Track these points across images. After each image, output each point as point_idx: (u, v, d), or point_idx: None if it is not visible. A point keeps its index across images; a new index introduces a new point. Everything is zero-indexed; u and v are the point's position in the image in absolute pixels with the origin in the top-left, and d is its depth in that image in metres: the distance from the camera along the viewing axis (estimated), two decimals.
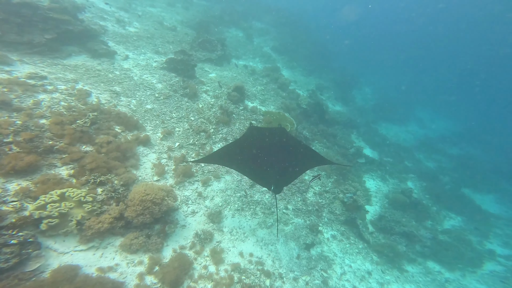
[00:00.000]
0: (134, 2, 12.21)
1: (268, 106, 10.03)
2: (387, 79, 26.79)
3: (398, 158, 13.55)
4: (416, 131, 18.51)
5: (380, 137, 14.83)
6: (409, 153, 14.69)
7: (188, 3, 15.20)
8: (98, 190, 4.55)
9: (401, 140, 16.52)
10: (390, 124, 18.05)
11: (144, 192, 4.50)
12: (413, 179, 12.27)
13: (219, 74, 10.42)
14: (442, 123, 21.66)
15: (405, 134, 17.49)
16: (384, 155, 13.36)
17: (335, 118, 13.50)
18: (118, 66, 7.77)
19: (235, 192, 6.25)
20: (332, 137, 11.66)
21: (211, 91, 9.06)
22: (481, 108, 26.73)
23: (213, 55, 10.89)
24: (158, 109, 7.16)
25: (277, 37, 17.49)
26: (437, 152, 16.19)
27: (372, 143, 13.84)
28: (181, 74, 8.98)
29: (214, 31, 14.30)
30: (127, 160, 5.59)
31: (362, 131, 14.50)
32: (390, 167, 12.09)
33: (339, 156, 10.70)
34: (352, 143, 12.60)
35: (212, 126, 7.65)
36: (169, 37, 10.89)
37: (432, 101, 24.22)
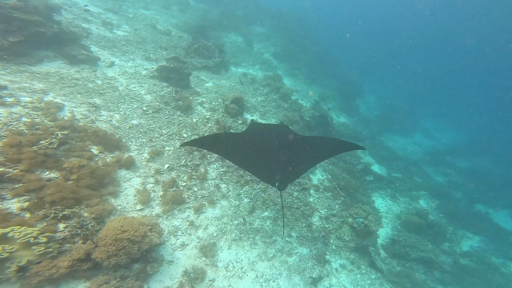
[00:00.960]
0: (126, 3, 11.37)
1: (269, 119, 9.17)
2: (390, 86, 26.23)
3: (408, 173, 12.78)
4: (423, 143, 17.78)
5: (387, 151, 14.06)
6: (418, 167, 13.91)
7: (184, 6, 14.41)
8: (60, 226, 3.69)
9: (408, 153, 15.79)
10: (396, 136, 17.34)
11: (120, 228, 3.68)
12: (425, 196, 11.45)
13: (216, 83, 9.56)
14: (449, 133, 20.97)
15: (412, 146, 16.76)
16: (393, 171, 12.62)
17: (340, 131, 12.78)
18: (100, 74, 6.85)
19: (232, 219, 5.42)
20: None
21: (207, 103, 8.18)
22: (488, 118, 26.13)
23: (210, 62, 10.04)
24: (145, 125, 6.25)
25: (278, 43, 16.77)
26: (447, 165, 15.43)
27: (379, 158, 13.08)
28: (174, 84, 8.10)
29: (212, 36, 13.50)
30: (104, 187, 4.68)
31: (368, 145, 13.74)
32: (400, 184, 11.29)
33: (346, 174, 9.93)
34: (359, 158, 11.81)
35: None
36: (163, 41, 10.03)
37: (437, 110, 23.63)
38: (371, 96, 21.00)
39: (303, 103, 12.25)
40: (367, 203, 8.89)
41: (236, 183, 6.30)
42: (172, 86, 8.03)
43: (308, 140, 4.06)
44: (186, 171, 5.84)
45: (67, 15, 8.04)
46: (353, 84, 19.20)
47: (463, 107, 27.61)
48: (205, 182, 5.85)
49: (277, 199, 6.34)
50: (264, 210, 6.00)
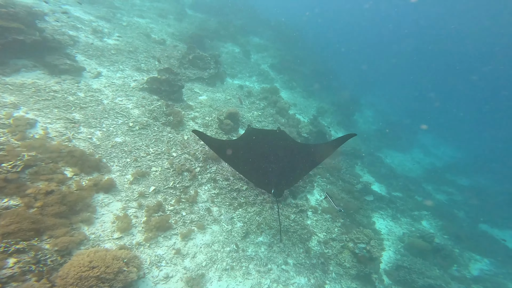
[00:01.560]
0: (120, 11, 11.04)
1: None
2: (387, 100, 26.21)
3: (408, 192, 12.39)
4: (421, 159, 17.52)
5: (386, 168, 13.70)
6: (418, 186, 13.54)
7: (181, 15, 14.17)
8: (9, 262, 3.15)
9: (407, 170, 15.47)
10: (394, 152, 17.06)
11: (88, 264, 3.16)
12: (427, 217, 11.01)
13: (210, 96, 9.14)
14: (447, 149, 20.81)
15: (410, 163, 16.46)
16: (393, 189, 12.23)
17: (339, 148, 12.39)
18: (84, 86, 6.37)
19: (223, 246, 4.93)
20: (336, 171, 10.47)
21: (200, 118, 7.73)
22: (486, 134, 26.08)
23: (205, 74, 9.66)
24: (131, 143, 5.75)
25: (276, 54, 16.58)
26: (447, 183, 15.12)
27: (378, 176, 12.70)
28: (165, 97, 7.65)
29: (209, 46, 13.21)
30: (77, 214, 4.16)
31: (367, 162, 13.38)
32: (400, 204, 10.88)
33: (345, 194, 9.49)
34: (358, 177, 11.41)
35: (199, 164, 6.25)
36: (156, 51, 9.65)
37: (433, 125, 23.52)
38: (369, 110, 20.84)
39: (300, 118, 11.89)
40: (367, 225, 8.46)
41: (229, 206, 5.79)
42: (163, 100, 7.57)
43: (304, 147, 3.96)
44: (175, 193, 5.33)
45: (55, 22, 7.61)
46: (350, 98, 19.03)
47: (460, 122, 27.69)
48: (195, 206, 5.36)
49: (272, 222, 5.85)
50: (259, 234, 5.52)
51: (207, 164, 6.35)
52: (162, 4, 14.29)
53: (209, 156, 6.45)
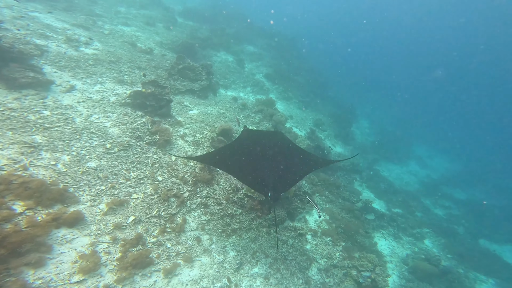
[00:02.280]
0: (102, 19, 10.22)
1: None
2: (383, 110, 26.14)
3: (408, 208, 11.93)
4: (417, 172, 17.21)
5: (385, 183, 13.24)
6: (417, 201, 13.11)
7: (171, 23, 13.45)
8: None
9: (405, 184, 15.08)
10: (391, 164, 16.70)
11: None
12: (429, 235, 10.50)
13: (202, 110, 8.38)
14: (441, 161, 20.67)
15: (407, 176, 16.10)
16: (392, 205, 11.76)
17: (337, 163, 11.87)
18: (52, 103, 5.49)
19: (213, 281, 4.24)
20: (335, 188, 9.88)
21: (190, 135, 6.94)
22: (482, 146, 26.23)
23: (195, 86, 8.91)
24: (107, 168, 4.92)
25: (271, 63, 16.06)
26: (444, 197, 14.80)
27: (378, 191, 12.21)
28: (151, 113, 6.84)
29: (200, 55, 12.51)
30: (22, 256, 3.32)
31: (365, 177, 12.91)
32: (401, 222, 10.37)
33: (345, 213, 8.92)
34: (358, 194, 10.87)
35: (188, 188, 5.48)
36: (142, 61, 8.84)
37: (428, 136, 23.53)
38: (365, 121, 20.55)
39: (297, 131, 11.27)
40: (370, 247, 7.87)
41: (221, 233, 5.08)
42: (148, 116, 6.76)
43: (301, 151, 3.91)
44: (159, 223, 4.57)
45: (18, 31, 6.72)
46: (347, 108, 18.70)
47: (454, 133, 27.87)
48: (182, 235, 4.65)
49: (269, 249, 5.29)
50: (254, 264, 4.90)
51: (197, 188, 5.59)
52: (150, 11, 13.55)
53: (199, 179, 5.70)
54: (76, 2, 9.89)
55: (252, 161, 3.63)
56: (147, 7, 13.80)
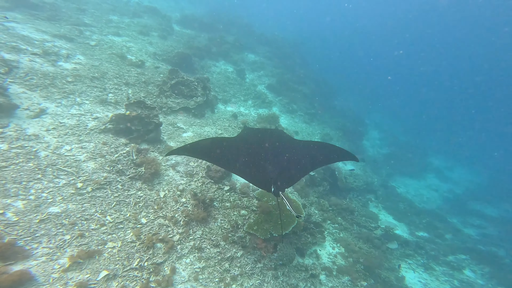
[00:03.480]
0: (91, 29, 9.47)
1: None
2: (392, 118, 25.11)
3: (435, 231, 10.81)
4: (438, 186, 16.03)
5: (404, 202, 12.15)
6: (444, 221, 11.91)
7: (166, 32, 12.72)
8: None
9: (425, 201, 13.92)
10: (407, 179, 15.59)
11: None
12: (467, 262, 9.26)
13: (197, 131, 7.47)
14: (463, 173, 19.37)
15: (427, 192, 14.93)
16: (416, 228, 10.67)
17: (349, 184, 10.86)
18: (13, 132, 4.60)
19: None
20: (349, 213, 8.93)
21: (182, 164, 6.03)
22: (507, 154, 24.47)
23: (190, 103, 8.03)
24: (76, 212, 4.06)
25: (273, 72, 15.23)
26: (473, 214, 13.57)
27: (397, 213, 11.14)
28: (136, 139, 5.93)
29: (198, 66, 11.71)
30: None
31: (381, 196, 11.86)
32: (430, 248, 9.28)
33: (362, 243, 7.95)
34: (375, 218, 9.83)
35: (178, 230, 4.59)
36: (131, 76, 8.00)
37: (444, 145, 22.30)
38: (374, 131, 19.54)
39: None
40: (397, 285, 6.87)
41: (219, 282, 4.19)
42: (134, 143, 5.86)
43: (304, 145, 3.93)
44: (140, 276, 3.67)
45: None
46: (356, 119, 17.77)
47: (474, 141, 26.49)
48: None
49: None
50: None
51: (190, 229, 4.68)
52: (145, 20, 12.84)
53: (193, 218, 4.78)
54: (63, 11, 9.15)
55: (254, 156, 3.57)
56: (142, 15, 13.11)
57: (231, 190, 6.00)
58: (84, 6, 10.48)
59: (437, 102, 36.47)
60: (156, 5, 15.74)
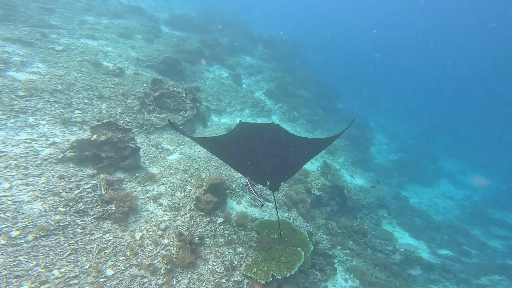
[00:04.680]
0: (58, 30, 8.19)
1: (264, 206, 5.94)
2: (398, 120, 24.08)
3: (458, 247, 9.77)
4: (453, 193, 14.92)
5: (421, 216, 11.12)
6: (466, 234, 10.77)
7: (153, 34, 11.48)
8: None
9: (442, 211, 12.82)
10: (419, 186, 14.50)
11: None
12: (505, 284, 8.12)
13: (186, 152, 6.26)
14: (477, 176, 18.30)
15: (442, 200, 13.81)
16: (437, 246, 9.66)
17: (359, 200, 9.79)
18: None
19: None
20: (362, 236, 8.00)
21: (166, 196, 4.87)
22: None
23: (178, 118, 6.82)
24: (2, 268, 2.89)
25: (272, 76, 14.07)
26: (494, 223, 12.47)
27: (413, 229, 10.11)
28: (108, 168, 4.73)
29: (189, 72, 10.51)
30: None
31: (394, 210, 10.79)
32: (459, 270, 8.25)
33: (379, 271, 7.04)
34: (390, 238, 8.82)
35: (157, 280, 3.55)
36: (106, 88, 6.77)
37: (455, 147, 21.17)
38: (380, 135, 18.47)
39: (308, 167, 9.17)
40: None
41: None
42: (104, 174, 4.67)
43: (300, 139, 3.86)
44: None
45: None
46: (361, 123, 16.70)
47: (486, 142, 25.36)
48: None
49: None
50: None
51: (173, 277, 3.62)
52: (128, 21, 11.57)
53: (178, 263, 3.72)
54: (21, 11, 7.82)
55: (249, 150, 3.51)
56: (124, 15, 11.85)
57: (225, 222, 4.90)
58: (50, 5, 9.16)
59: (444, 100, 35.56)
60: (142, 4, 14.52)
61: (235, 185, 6.09)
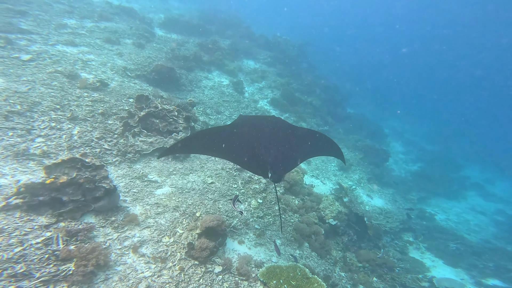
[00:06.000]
0: (30, 36, 7.12)
1: (270, 243, 4.81)
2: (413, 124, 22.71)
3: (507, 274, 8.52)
4: (484, 207, 13.54)
5: (454, 239, 9.87)
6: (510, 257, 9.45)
7: (145, 39, 10.41)
8: None
9: (474, 229, 11.47)
10: (444, 200, 13.21)
11: None
12: None
13: (178, 184, 5.15)
14: (508, 186, 16.86)
15: (473, 216, 12.47)
16: (481, 274, 8.21)
17: (380, 226, 8.63)
18: None
19: None
20: (388, 271, 6.75)
21: (150, 243, 3.82)
22: None
23: (169, 142, 5.71)
24: None
25: (277, 83, 12.95)
26: None
27: (447, 255, 8.97)
28: (73, 212, 3.67)
29: (185, 81, 9.43)
30: None
31: (421, 233, 9.58)
32: None
33: None
34: (422, 269, 7.72)
35: None
36: (82, 106, 5.68)
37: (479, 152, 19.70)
38: (396, 143, 17.21)
39: (320, 186, 8.08)
40: None
41: None
42: (68, 220, 3.63)
43: (302, 131, 3.73)
44: None
45: None
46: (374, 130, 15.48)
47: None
48: None
49: None
50: None
51: None
52: (116, 24, 10.49)
53: None
54: None
55: (250, 143, 3.38)
56: (113, 18, 10.80)
57: (224, 271, 3.86)
58: (23, 7, 8.11)
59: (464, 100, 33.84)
60: (135, 5, 13.51)
61: (237, 220, 4.97)
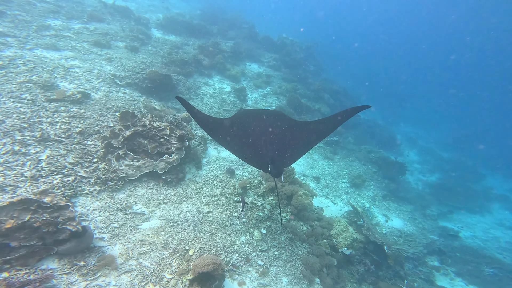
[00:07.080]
0: (5, 38, 6.39)
1: (275, 283, 3.98)
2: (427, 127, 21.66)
3: None
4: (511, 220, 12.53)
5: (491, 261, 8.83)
6: None
7: (139, 41, 9.63)
8: None
9: (505, 247, 10.41)
10: (467, 215, 12.20)
11: None
12: None
13: (169, 215, 4.36)
14: None
15: (502, 232, 11.40)
16: None
17: (401, 251, 7.64)
18: None
19: None
20: None
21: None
22: None
23: (159, 165, 4.92)
24: None
25: (283, 88, 12.13)
26: None
27: (482, 281, 8.05)
28: (25, 259, 2.91)
29: (182, 88, 8.67)
30: None
31: (448, 255, 8.66)
32: None
33: None
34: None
35: None
36: (56, 124, 4.93)
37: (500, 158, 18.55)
38: (411, 151, 16.21)
39: (331, 206, 7.22)
40: None
41: None
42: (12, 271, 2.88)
43: (303, 124, 3.71)
44: None
45: None
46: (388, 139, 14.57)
47: None
48: None
49: None
50: None
51: None
52: (108, 25, 9.74)
53: None
54: None
55: (250, 136, 3.44)
56: (105, 18, 10.06)
57: None
58: (0, 6, 7.44)
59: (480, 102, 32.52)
60: (131, 4, 12.79)
61: (237, 256, 4.16)
